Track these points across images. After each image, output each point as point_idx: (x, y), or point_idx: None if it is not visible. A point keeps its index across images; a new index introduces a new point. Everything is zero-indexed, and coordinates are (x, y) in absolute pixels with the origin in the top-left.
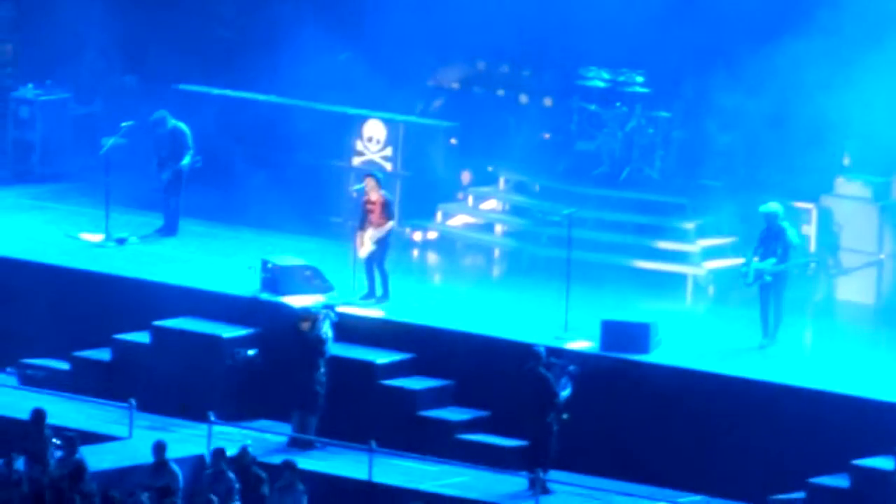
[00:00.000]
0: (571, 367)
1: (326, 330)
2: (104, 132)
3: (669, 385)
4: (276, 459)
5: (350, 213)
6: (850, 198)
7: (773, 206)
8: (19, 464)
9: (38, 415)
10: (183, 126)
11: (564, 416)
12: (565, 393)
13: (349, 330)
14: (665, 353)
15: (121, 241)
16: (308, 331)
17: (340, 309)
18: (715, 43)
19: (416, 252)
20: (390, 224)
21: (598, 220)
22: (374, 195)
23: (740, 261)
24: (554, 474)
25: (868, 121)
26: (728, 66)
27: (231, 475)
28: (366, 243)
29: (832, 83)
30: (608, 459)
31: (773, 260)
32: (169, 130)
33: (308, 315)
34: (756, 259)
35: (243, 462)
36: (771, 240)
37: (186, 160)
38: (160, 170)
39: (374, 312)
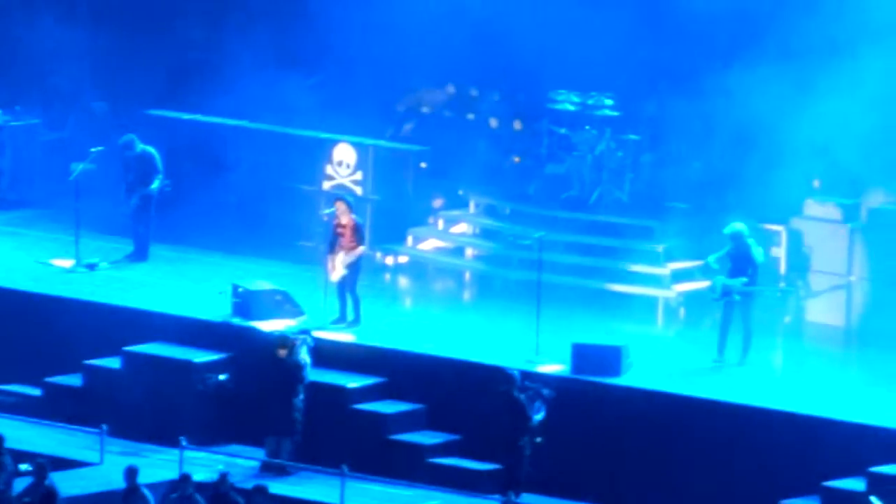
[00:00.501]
0: (545, 391)
1: (304, 356)
2: (74, 158)
3: (641, 408)
4: (249, 485)
5: (321, 237)
6: (819, 220)
7: (738, 226)
8: None
9: None
10: (152, 150)
11: (538, 439)
12: (539, 416)
13: (321, 354)
14: (636, 375)
15: (91, 267)
16: (286, 357)
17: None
18: (683, 66)
19: (387, 276)
20: (361, 248)
21: (568, 244)
22: (345, 219)
23: (710, 283)
24: (526, 497)
25: (836, 143)
26: (696, 89)
27: (199, 499)
28: (337, 267)
29: (799, 105)
30: (579, 482)
31: (743, 279)
32: (137, 154)
33: (285, 342)
34: (726, 276)
35: (221, 489)
36: (740, 259)
37: (155, 184)
38: (128, 194)
39: (345, 337)
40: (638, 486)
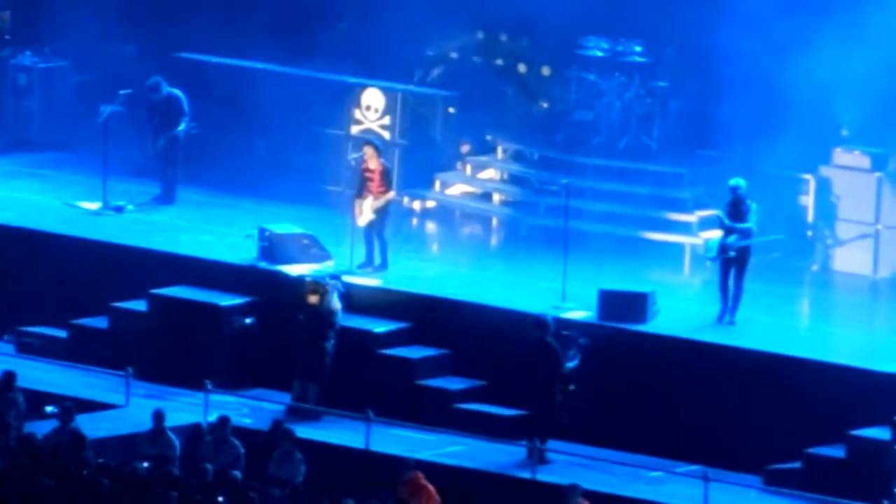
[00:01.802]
0: (582, 339)
1: (336, 302)
2: (102, 100)
3: (667, 355)
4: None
5: (348, 182)
6: (848, 168)
7: (739, 181)
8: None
9: (7, 377)
10: (178, 92)
11: (571, 387)
12: (572, 364)
13: (347, 299)
14: (663, 322)
15: (118, 210)
16: (317, 303)
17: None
18: (714, 13)
19: (414, 221)
20: (391, 194)
21: (595, 190)
22: (374, 164)
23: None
24: (551, 444)
25: (866, 91)
26: (727, 36)
27: (236, 442)
28: (365, 212)
29: (830, 53)
30: (605, 429)
31: (736, 236)
32: (163, 96)
33: (317, 287)
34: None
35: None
36: (736, 215)
37: (181, 127)
38: (155, 137)
39: (371, 281)
40: (662, 433)
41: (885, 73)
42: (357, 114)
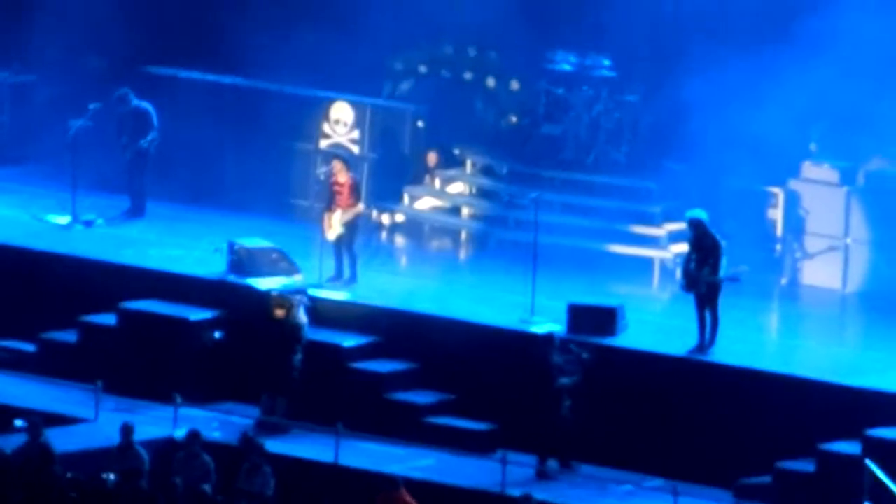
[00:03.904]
0: (585, 355)
1: (302, 316)
2: (71, 114)
3: (636, 369)
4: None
5: (317, 196)
6: (816, 182)
7: (699, 213)
8: None
9: None
10: (147, 105)
11: (567, 402)
12: (571, 380)
13: (317, 312)
14: (632, 336)
15: (88, 224)
16: (284, 317)
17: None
18: (681, 26)
19: (383, 235)
20: (359, 207)
21: (564, 204)
22: (343, 177)
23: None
24: (517, 457)
25: (834, 106)
26: (695, 50)
27: (206, 457)
28: (334, 226)
29: (798, 67)
30: (575, 443)
31: (707, 270)
32: (132, 109)
33: (283, 302)
34: (691, 265)
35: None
36: (702, 249)
37: (149, 138)
38: (123, 150)
39: (340, 295)
40: (631, 447)
41: (854, 87)
42: (326, 127)
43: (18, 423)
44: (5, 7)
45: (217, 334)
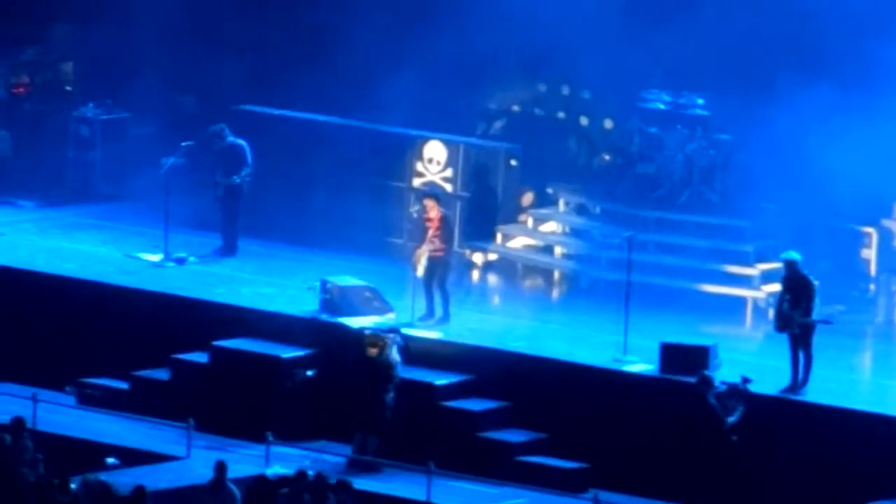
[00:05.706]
0: (743, 386)
1: (395, 355)
2: (164, 152)
3: None
4: (333, 480)
5: (410, 234)
6: None
7: (792, 254)
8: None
9: (18, 423)
10: (242, 142)
11: (734, 437)
12: (734, 418)
13: (409, 351)
14: (725, 376)
15: (180, 261)
16: (376, 356)
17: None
18: (773, 64)
19: (476, 274)
20: (443, 247)
21: (657, 243)
22: (433, 213)
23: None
24: (609, 496)
25: None
26: (786, 87)
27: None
28: (421, 260)
29: (892, 102)
30: (666, 480)
31: (800, 311)
32: (226, 145)
33: (376, 341)
34: (785, 305)
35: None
36: (795, 288)
37: (243, 174)
38: (216, 185)
39: (432, 334)
40: (725, 485)
41: None
42: (419, 166)
43: (110, 460)
44: (99, 45)
45: (309, 373)
